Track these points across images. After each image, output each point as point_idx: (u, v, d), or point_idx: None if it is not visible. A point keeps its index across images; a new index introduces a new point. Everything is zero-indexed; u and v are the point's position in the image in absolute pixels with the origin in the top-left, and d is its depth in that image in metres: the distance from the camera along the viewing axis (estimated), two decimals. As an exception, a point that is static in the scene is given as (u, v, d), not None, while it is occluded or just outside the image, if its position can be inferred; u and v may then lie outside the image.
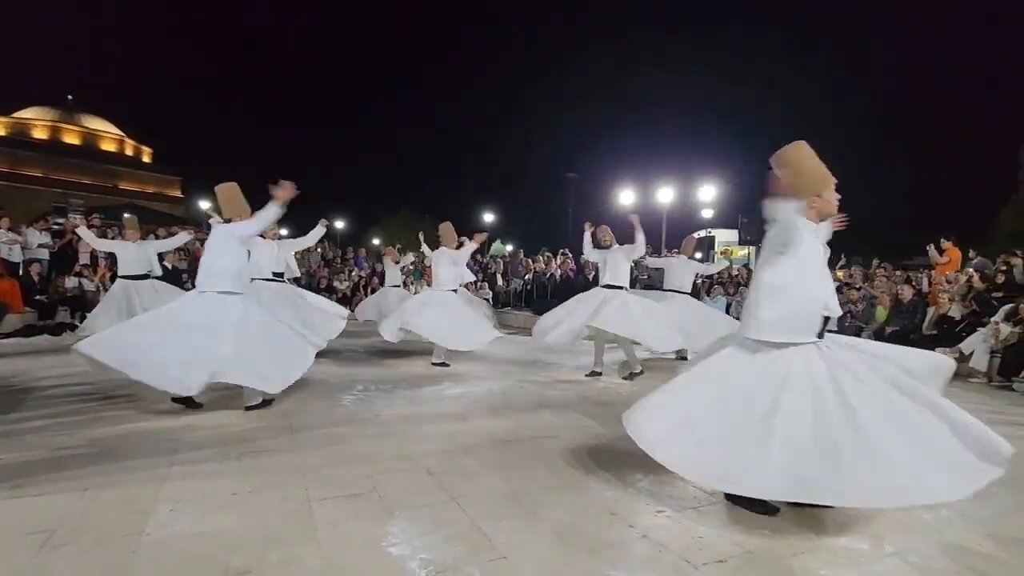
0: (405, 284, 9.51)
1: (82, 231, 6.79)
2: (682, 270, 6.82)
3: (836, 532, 2.28)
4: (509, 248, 19.51)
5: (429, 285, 6.95)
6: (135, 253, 6.75)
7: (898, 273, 9.44)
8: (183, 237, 7.63)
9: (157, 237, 9.07)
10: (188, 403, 3.79)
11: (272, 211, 3.92)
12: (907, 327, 7.16)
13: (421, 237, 7.99)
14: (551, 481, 2.73)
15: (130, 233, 6.93)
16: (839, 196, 2.50)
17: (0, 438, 3.09)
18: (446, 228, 6.30)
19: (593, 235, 5.96)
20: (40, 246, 9.42)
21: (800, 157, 2.44)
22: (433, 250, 6.50)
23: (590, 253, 5.96)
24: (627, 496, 2.58)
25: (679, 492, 2.63)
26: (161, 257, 7.57)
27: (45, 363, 5.53)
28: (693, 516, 2.38)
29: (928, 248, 9.16)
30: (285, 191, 3.89)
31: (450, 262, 6.15)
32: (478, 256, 15.10)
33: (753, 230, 14.51)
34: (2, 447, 2.91)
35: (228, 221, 4.04)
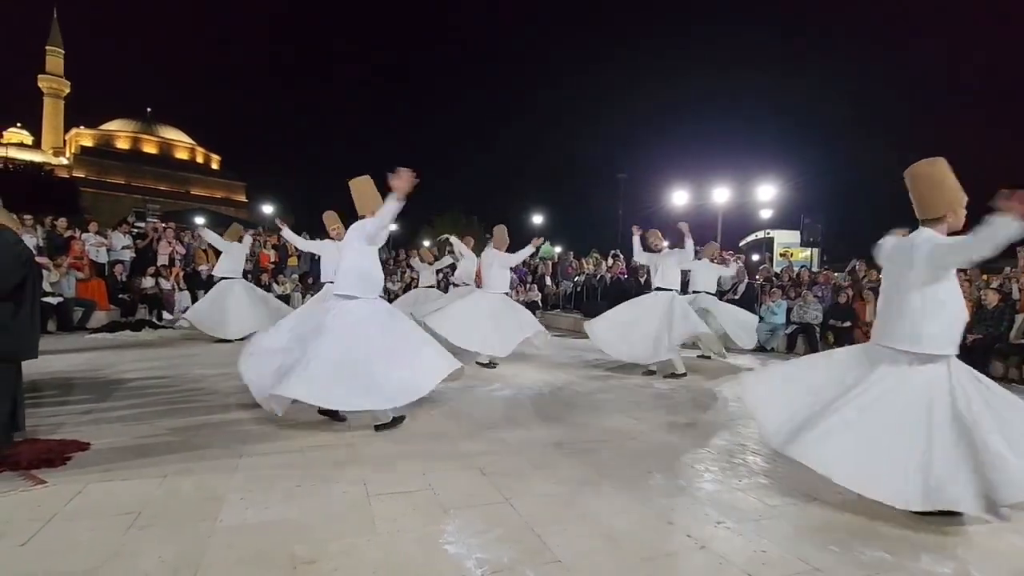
0: (445, 285, 9.67)
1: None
2: (706, 272, 7.07)
3: (913, 554, 2.13)
4: (558, 249, 19.46)
5: (479, 287, 7.04)
6: (238, 254, 7.45)
7: (984, 278, 8.75)
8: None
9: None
10: (333, 416, 3.62)
11: (392, 205, 3.29)
12: (991, 335, 6.63)
13: (453, 239, 7.83)
14: (604, 485, 2.70)
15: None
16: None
17: (92, 425, 3.37)
18: (500, 231, 6.35)
19: (643, 238, 6.21)
20: (123, 248, 10.19)
21: (939, 173, 2.51)
22: (462, 252, 6.92)
23: (639, 255, 6.29)
24: (684, 504, 2.51)
25: (740, 503, 2.55)
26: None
27: (128, 357, 5.97)
28: (755, 528, 2.29)
29: (1018, 251, 8.44)
30: (403, 181, 3.20)
31: (500, 264, 6.20)
32: (527, 258, 15.15)
33: (816, 231, 13.84)
34: (94, 434, 3.17)
35: (362, 218, 3.66)
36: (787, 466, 3.03)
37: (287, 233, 6.84)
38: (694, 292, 6.96)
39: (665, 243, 6.45)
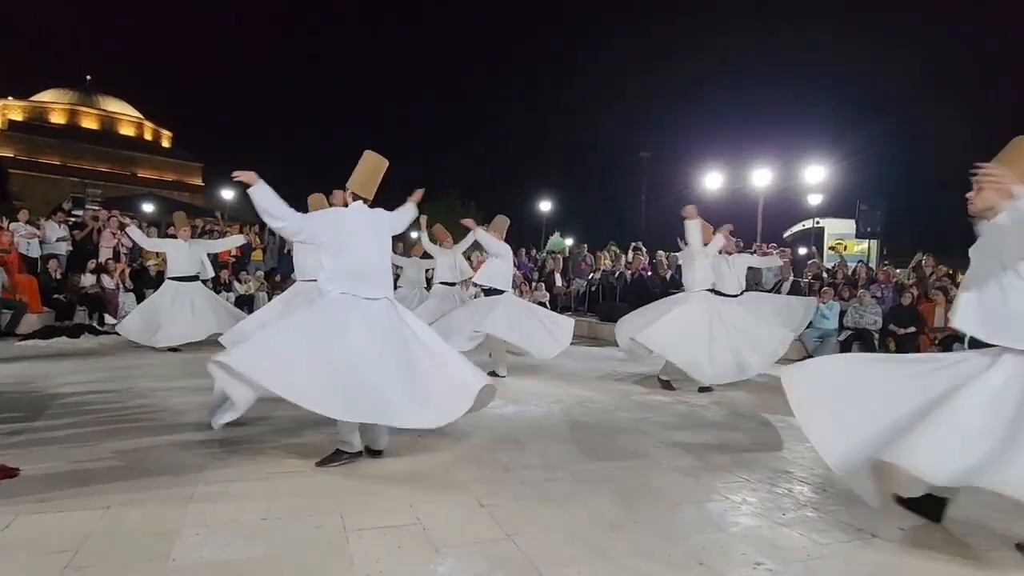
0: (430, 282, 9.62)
1: (132, 230, 7.45)
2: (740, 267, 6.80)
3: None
4: (569, 242, 19.48)
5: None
6: (187, 253, 7.46)
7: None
8: (238, 239, 8.22)
9: (204, 233, 9.72)
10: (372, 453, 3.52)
11: (413, 213, 3.98)
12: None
13: (423, 222, 7.35)
14: (623, 518, 2.70)
15: (182, 231, 7.59)
16: None
17: (22, 448, 3.38)
18: (500, 222, 6.34)
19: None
20: (58, 240, 10.21)
21: None
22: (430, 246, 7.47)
23: (696, 245, 5.89)
24: (717, 541, 2.51)
25: (783, 541, 2.54)
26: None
27: (65, 368, 6.00)
28: (802, 571, 2.29)
29: None
30: (418, 196, 3.99)
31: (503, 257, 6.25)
32: (533, 252, 15.18)
33: (874, 220, 13.75)
34: (24, 458, 3.18)
35: (358, 198, 3.59)
36: (840, 497, 3.03)
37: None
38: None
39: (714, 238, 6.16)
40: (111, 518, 2.52)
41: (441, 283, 7.71)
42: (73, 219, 12.07)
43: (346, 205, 3.62)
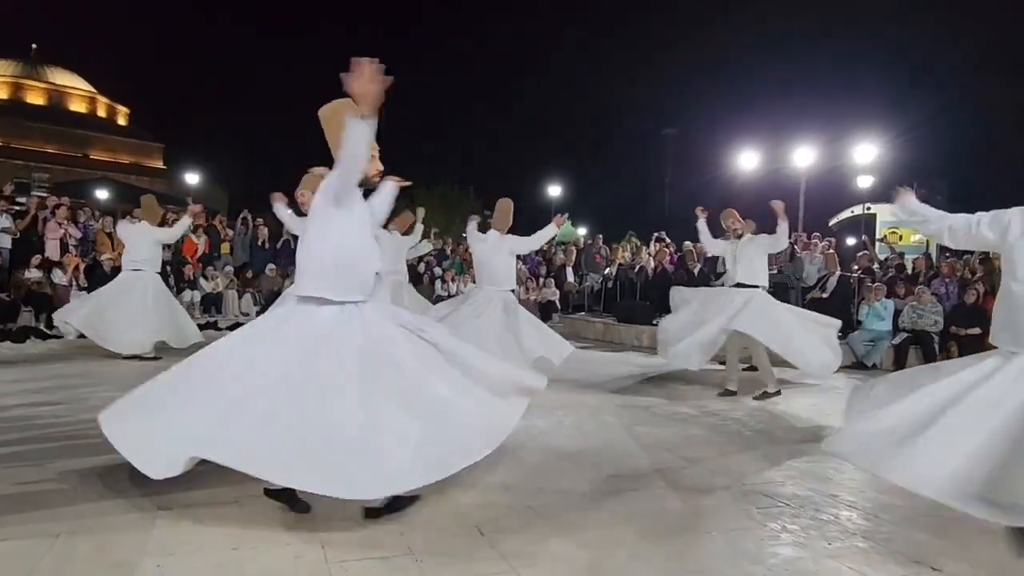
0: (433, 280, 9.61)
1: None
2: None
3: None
4: (582, 232, 19.51)
5: (474, 282, 7.06)
6: (151, 241, 7.55)
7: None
8: (184, 225, 8.23)
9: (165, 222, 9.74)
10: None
11: (356, 131, 2.75)
12: None
13: (420, 214, 8.05)
14: (643, 549, 2.70)
15: (149, 218, 7.66)
16: None
17: (-41, 467, 3.40)
18: (505, 205, 6.27)
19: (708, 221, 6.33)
20: (1, 231, 10.27)
21: None
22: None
23: (711, 245, 6.32)
24: None
25: (829, 575, 2.54)
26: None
27: (7, 376, 6.02)
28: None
29: None
30: (366, 80, 2.69)
31: (510, 251, 6.23)
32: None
33: (934, 204, 13.76)
34: (-38, 479, 3.20)
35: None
36: (895, 523, 3.02)
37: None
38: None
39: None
40: (60, 549, 2.52)
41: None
42: (17, 207, 12.11)
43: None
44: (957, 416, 2.54)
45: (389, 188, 3.45)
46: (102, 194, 24.32)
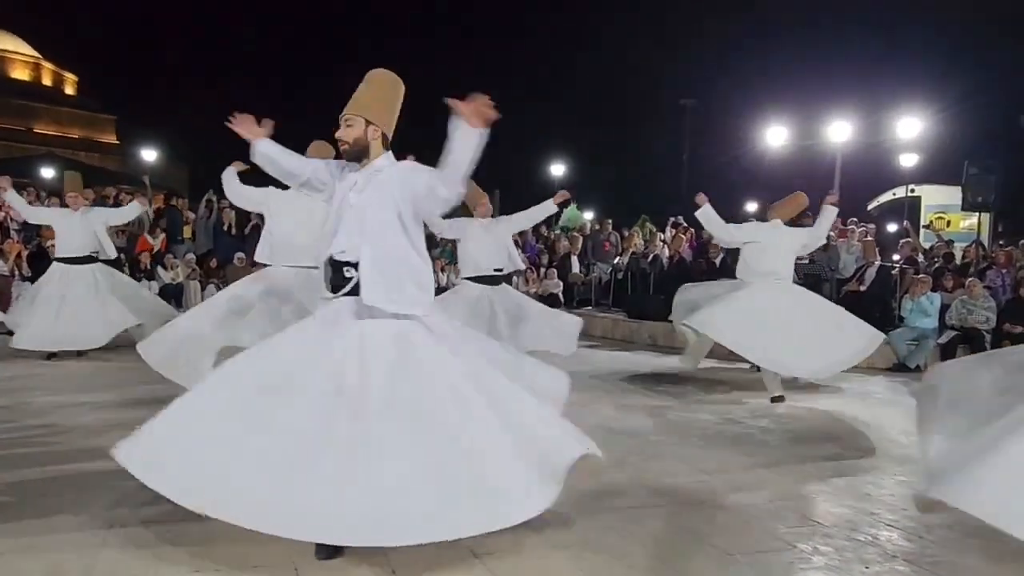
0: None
1: (11, 196, 7.29)
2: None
3: None
4: (589, 216, 19.48)
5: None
6: (79, 226, 7.23)
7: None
8: (136, 208, 8.11)
9: (107, 203, 9.61)
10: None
11: (474, 140, 2.90)
12: None
13: None
14: (654, 572, 2.70)
15: (72, 198, 7.36)
16: None
17: None
18: (473, 191, 6.18)
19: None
20: (-66, 216, 10.25)
21: None
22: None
23: (720, 230, 6.35)
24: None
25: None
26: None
27: (-59, 377, 6.02)
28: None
29: None
30: (480, 108, 2.84)
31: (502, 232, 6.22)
32: (542, 229, 15.15)
33: (987, 186, 13.56)
34: None
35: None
36: (940, 545, 3.02)
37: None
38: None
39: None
40: (2, 569, 2.52)
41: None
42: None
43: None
44: None
45: None
46: (48, 172, 24.23)
